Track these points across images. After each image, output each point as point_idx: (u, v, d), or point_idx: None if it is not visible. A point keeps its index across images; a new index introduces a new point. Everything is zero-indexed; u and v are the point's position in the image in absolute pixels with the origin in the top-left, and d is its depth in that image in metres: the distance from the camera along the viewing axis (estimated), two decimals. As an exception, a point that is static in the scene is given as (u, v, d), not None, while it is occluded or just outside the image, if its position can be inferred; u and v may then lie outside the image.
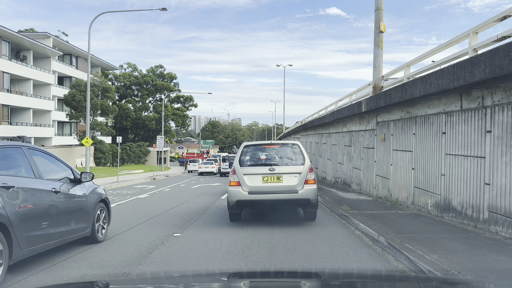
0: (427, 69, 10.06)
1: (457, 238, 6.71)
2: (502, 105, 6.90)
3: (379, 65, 13.18)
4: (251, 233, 7.80)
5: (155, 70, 66.07)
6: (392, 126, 11.95)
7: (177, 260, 5.97)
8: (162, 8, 24.20)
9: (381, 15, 13.18)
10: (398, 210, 10.03)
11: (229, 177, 8.85)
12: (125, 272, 5.32)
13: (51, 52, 41.72)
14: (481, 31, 8.08)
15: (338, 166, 18.67)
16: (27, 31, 49.77)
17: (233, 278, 2.89)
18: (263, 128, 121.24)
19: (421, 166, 9.96)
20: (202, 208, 11.80)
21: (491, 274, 4.82)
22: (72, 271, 5.42)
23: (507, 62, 5.98)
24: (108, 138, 51.78)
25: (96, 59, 50.77)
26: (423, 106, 9.76)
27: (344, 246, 6.71)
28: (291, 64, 55.65)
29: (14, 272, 5.38)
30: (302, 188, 8.53)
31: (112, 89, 43.89)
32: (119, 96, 62.61)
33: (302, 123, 32.63)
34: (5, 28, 33.34)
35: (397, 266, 5.62)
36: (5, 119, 35.86)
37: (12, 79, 37.06)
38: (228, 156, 36.63)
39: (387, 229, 7.48)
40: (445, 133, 8.81)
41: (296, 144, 9.24)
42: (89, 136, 23.20)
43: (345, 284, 2.51)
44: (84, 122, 40.02)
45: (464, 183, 8.06)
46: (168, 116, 63.33)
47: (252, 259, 5.92)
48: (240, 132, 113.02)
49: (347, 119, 16.67)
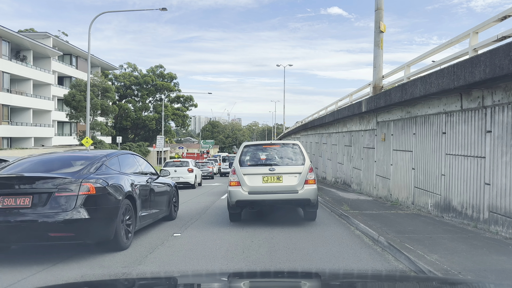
0: (427, 69, 10.06)
1: (457, 238, 6.71)
2: (502, 105, 6.90)
3: (379, 65, 13.18)
4: (251, 233, 7.80)
5: (155, 70, 66.05)
6: (392, 126, 11.95)
7: (177, 260, 5.97)
8: (162, 8, 24.21)
9: (381, 15, 13.18)
10: (398, 210, 10.03)
11: (229, 177, 8.85)
12: (125, 272, 5.32)
13: (51, 52, 41.72)
14: (481, 31, 8.08)
15: (338, 166, 18.66)
16: (27, 31, 49.77)
17: (233, 278, 2.89)
18: (263, 128, 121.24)
19: (421, 166, 9.96)
20: (202, 208, 11.80)
21: (491, 274, 4.82)
22: (72, 271, 5.41)
23: (507, 62, 5.98)
24: (108, 138, 51.75)
25: (96, 59, 50.78)
26: (423, 106, 9.76)
27: (344, 246, 6.71)
28: (291, 64, 55.71)
29: (14, 272, 5.38)
30: (302, 188, 8.53)
31: (112, 89, 43.88)
32: (119, 96, 62.60)
33: (302, 123, 32.62)
34: (5, 28, 33.34)
35: (397, 266, 5.62)
36: (5, 119, 35.85)
37: (12, 79, 37.06)
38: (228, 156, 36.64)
39: (387, 229, 7.47)
40: (445, 133, 8.80)
41: (296, 144, 9.24)
42: (89, 136, 23.20)
43: (345, 284, 2.51)
44: (84, 122, 40.02)
45: (464, 183, 8.06)
46: (168, 116, 63.32)
47: (252, 259, 5.91)
48: (240, 132, 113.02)
49: (347, 119, 16.67)
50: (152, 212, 7.96)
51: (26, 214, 5.50)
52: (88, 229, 5.79)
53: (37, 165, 6.41)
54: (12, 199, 5.58)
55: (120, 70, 65.17)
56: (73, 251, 6.46)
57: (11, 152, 30.51)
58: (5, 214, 5.50)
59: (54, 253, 6.33)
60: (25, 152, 32.13)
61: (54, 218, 5.51)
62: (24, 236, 5.59)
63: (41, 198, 5.61)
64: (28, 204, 5.56)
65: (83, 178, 5.87)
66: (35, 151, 33.91)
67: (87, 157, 6.74)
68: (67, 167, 6.29)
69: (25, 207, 5.54)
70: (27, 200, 5.58)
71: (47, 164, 6.48)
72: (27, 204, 5.55)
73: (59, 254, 6.31)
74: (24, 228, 5.50)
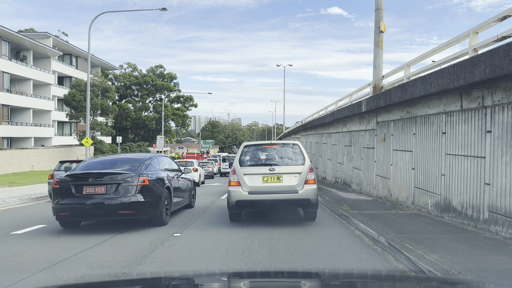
0: (427, 69, 10.06)
1: (457, 238, 6.71)
2: (502, 105, 6.89)
3: (379, 65, 13.18)
4: (251, 233, 7.80)
5: (155, 70, 66.06)
6: (392, 126, 11.95)
7: (177, 260, 5.96)
8: (162, 8, 24.20)
9: (381, 15, 13.18)
10: (398, 210, 10.03)
11: (229, 177, 8.85)
12: (125, 272, 5.32)
13: (51, 52, 41.72)
14: (481, 31, 8.08)
15: (338, 166, 18.66)
16: (28, 31, 49.78)
17: (233, 278, 2.89)
18: (263, 128, 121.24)
19: (421, 166, 9.96)
20: (202, 208, 11.79)
21: (491, 274, 4.82)
22: (72, 271, 5.42)
23: (507, 62, 5.98)
24: (108, 138, 51.77)
25: (96, 59, 50.78)
26: (423, 106, 9.76)
27: (344, 246, 6.71)
28: (291, 64, 55.70)
29: (14, 271, 5.38)
30: (302, 188, 8.53)
31: (112, 89, 43.89)
32: (119, 96, 62.60)
33: (302, 123, 32.61)
34: (5, 28, 33.34)
35: (397, 266, 5.62)
36: (5, 119, 35.85)
37: (12, 79, 37.06)
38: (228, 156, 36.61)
39: (387, 229, 7.47)
40: (445, 133, 8.80)
41: (296, 144, 9.24)
42: (89, 136, 23.19)
43: (345, 284, 2.50)
44: (84, 122, 40.03)
45: (464, 183, 8.06)
46: (168, 116, 63.33)
47: (252, 259, 5.91)
48: (240, 132, 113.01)
49: (347, 119, 16.67)
50: (180, 200, 10.25)
51: (102, 198, 7.76)
52: (143, 209, 8.01)
53: (105, 164, 8.66)
54: (92, 188, 7.85)
55: (120, 70, 65.19)
56: (73, 251, 6.47)
57: (11, 152, 30.50)
58: (87, 198, 7.78)
59: (54, 253, 6.34)
60: (25, 152, 32.14)
61: (122, 200, 7.78)
62: (101, 213, 7.83)
63: (112, 187, 7.88)
64: (103, 191, 7.83)
65: (140, 174, 8.13)
66: (35, 151, 33.91)
67: (138, 159, 8.94)
68: (127, 165, 8.51)
69: (101, 194, 7.81)
70: (102, 188, 7.85)
71: (112, 163, 8.71)
72: (103, 192, 7.82)
73: (59, 254, 6.32)
74: (102, 208, 7.70)
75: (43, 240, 7.43)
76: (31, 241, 7.35)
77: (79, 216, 8.04)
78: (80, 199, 7.79)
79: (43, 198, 15.04)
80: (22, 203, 13.68)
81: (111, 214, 7.80)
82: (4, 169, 29.02)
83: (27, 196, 14.86)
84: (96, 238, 7.51)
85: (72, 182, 7.92)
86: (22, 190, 17.57)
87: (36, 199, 14.55)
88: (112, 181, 7.87)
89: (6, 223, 9.46)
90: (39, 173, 29.24)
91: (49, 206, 11.34)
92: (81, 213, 7.89)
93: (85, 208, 7.72)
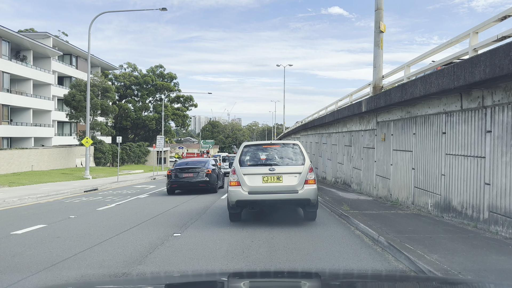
0: (427, 69, 10.06)
1: (457, 238, 6.71)
2: (502, 105, 6.90)
3: (379, 65, 13.18)
4: (251, 233, 7.80)
5: (155, 70, 66.04)
6: (392, 126, 11.95)
7: (177, 260, 5.96)
8: (162, 8, 24.24)
9: (381, 15, 13.18)
10: (398, 210, 10.03)
11: (229, 177, 8.85)
12: (125, 272, 5.32)
13: (51, 52, 41.71)
14: (481, 31, 8.08)
15: (338, 166, 18.67)
16: (28, 31, 49.78)
17: (233, 278, 2.89)
18: (263, 128, 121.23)
19: (421, 166, 9.96)
20: (202, 208, 11.80)
21: (491, 274, 4.82)
22: (72, 271, 5.42)
23: (507, 62, 5.98)
24: (108, 138, 51.75)
25: (96, 59, 50.77)
26: (423, 106, 9.76)
27: (344, 246, 6.71)
28: (291, 64, 55.70)
29: (14, 271, 5.38)
30: (302, 188, 8.53)
31: (112, 89, 43.86)
32: (119, 96, 62.58)
33: (302, 123, 32.61)
34: (5, 28, 33.33)
35: (397, 266, 5.62)
36: (5, 119, 35.84)
37: (12, 79, 37.05)
38: (228, 156, 36.57)
39: (387, 229, 7.47)
40: (445, 133, 8.80)
41: (296, 144, 9.24)
42: (89, 136, 23.19)
43: (345, 284, 2.50)
44: (84, 122, 40.01)
45: (464, 183, 8.06)
46: (168, 116, 63.31)
47: (252, 259, 5.91)
48: (240, 132, 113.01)
49: (347, 119, 16.67)
50: (220, 182, 18.50)
51: (192, 179, 16.52)
52: (209, 185, 16.69)
53: (188, 163, 17.41)
54: (186, 174, 16.57)
55: (120, 70, 65.17)
56: (73, 251, 6.47)
57: (11, 152, 30.49)
58: (184, 179, 16.50)
59: (54, 253, 6.34)
60: (25, 152, 32.12)
61: (199, 179, 16.55)
62: (190, 186, 16.54)
63: (194, 173, 16.61)
64: (192, 176, 16.56)
65: (207, 168, 16.86)
66: (35, 151, 33.88)
67: (203, 161, 17.89)
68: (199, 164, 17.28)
69: (190, 177, 16.55)
70: (191, 174, 16.58)
71: (195, 162, 17.77)
72: (191, 176, 16.56)
73: (59, 254, 6.32)
74: (191, 184, 16.55)
75: (43, 240, 7.43)
76: (31, 241, 7.36)
77: (179, 187, 16.56)
78: (180, 179, 16.45)
79: (43, 198, 15.05)
80: (22, 203, 13.69)
81: (195, 186, 16.49)
82: (4, 169, 29.02)
83: (27, 196, 14.86)
84: (96, 238, 7.52)
85: (176, 171, 16.58)
86: (22, 190, 17.57)
87: (36, 199, 14.56)
88: (194, 171, 16.61)
89: (6, 223, 9.46)
90: (39, 173, 29.23)
91: (49, 206, 12.08)
92: (181, 186, 16.47)
93: (183, 183, 16.41)
